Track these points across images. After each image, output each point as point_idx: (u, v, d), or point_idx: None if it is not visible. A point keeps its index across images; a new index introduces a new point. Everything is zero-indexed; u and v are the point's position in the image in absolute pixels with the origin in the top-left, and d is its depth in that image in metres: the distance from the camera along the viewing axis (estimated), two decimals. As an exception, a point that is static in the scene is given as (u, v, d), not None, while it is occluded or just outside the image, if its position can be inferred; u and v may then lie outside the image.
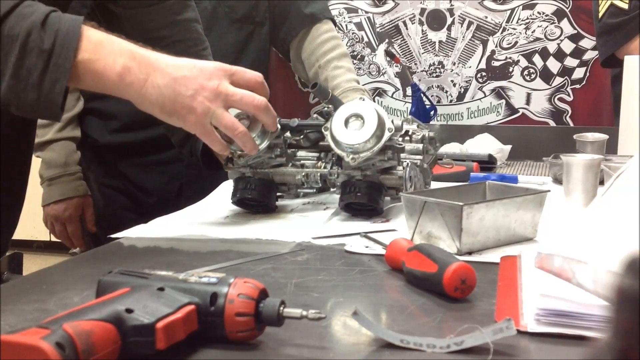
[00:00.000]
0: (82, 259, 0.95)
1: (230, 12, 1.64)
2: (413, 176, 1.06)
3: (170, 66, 0.83)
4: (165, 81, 0.82)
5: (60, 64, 0.76)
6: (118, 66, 0.80)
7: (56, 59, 0.76)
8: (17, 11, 0.76)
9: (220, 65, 0.89)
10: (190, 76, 0.84)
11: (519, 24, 2.09)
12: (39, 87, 0.76)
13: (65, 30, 0.77)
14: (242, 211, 1.10)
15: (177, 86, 0.82)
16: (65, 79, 0.77)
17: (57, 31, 0.76)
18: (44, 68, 0.76)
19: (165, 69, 0.83)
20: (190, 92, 0.83)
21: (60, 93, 0.77)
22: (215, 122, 0.87)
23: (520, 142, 1.86)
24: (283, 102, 2.18)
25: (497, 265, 0.77)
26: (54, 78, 0.76)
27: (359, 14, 2.19)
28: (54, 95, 0.77)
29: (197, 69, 0.85)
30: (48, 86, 0.76)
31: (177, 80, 0.83)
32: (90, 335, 0.47)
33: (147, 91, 0.82)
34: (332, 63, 1.68)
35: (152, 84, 0.82)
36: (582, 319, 0.56)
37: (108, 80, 0.80)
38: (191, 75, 0.84)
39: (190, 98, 0.83)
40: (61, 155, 1.64)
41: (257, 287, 0.55)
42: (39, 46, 0.75)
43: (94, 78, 0.80)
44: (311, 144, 1.11)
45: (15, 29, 0.75)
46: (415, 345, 0.54)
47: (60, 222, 1.66)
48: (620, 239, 0.53)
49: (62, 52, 0.76)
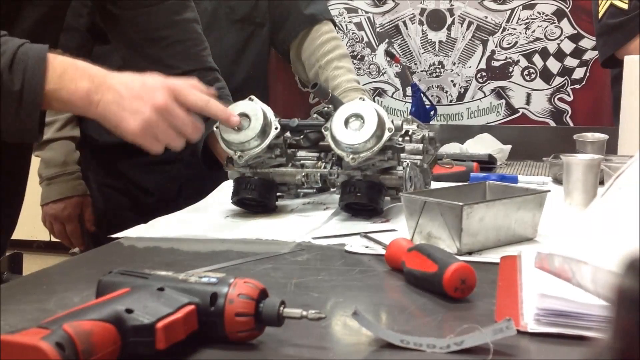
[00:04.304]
0: (82, 259, 0.95)
1: (230, 12, 1.64)
2: (413, 176, 1.06)
3: (120, 84, 0.89)
4: (113, 98, 0.88)
5: (30, 102, 0.86)
6: (80, 91, 0.88)
7: (26, 96, 0.86)
8: None
9: (167, 83, 0.92)
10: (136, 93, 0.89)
11: (519, 24, 2.09)
12: (15, 122, 0.86)
13: (31, 68, 0.86)
14: (242, 211, 1.10)
15: (122, 102, 0.89)
16: (36, 112, 0.87)
17: (24, 71, 0.85)
18: (18, 106, 0.86)
19: (115, 86, 0.89)
20: (134, 106, 0.89)
21: (35, 124, 0.87)
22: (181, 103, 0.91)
23: (520, 142, 1.86)
24: (283, 102, 2.18)
25: (497, 265, 0.77)
26: (27, 113, 0.86)
27: (359, 14, 2.19)
28: (29, 127, 0.87)
29: (144, 87, 0.90)
30: (23, 120, 0.86)
31: (124, 97, 0.89)
32: (90, 336, 0.47)
33: (101, 109, 0.89)
34: (333, 63, 1.68)
35: (104, 102, 0.89)
36: (582, 319, 0.56)
37: (73, 105, 0.89)
38: (138, 91, 0.90)
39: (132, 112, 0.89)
40: (60, 154, 1.64)
41: (257, 287, 0.55)
42: (9, 89, 0.85)
43: (61, 104, 0.89)
44: (311, 144, 1.11)
45: None
46: (415, 345, 0.54)
47: (59, 221, 1.66)
48: (620, 239, 0.53)
49: (31, 90, 0.86)
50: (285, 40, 1.73)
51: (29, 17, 0.95)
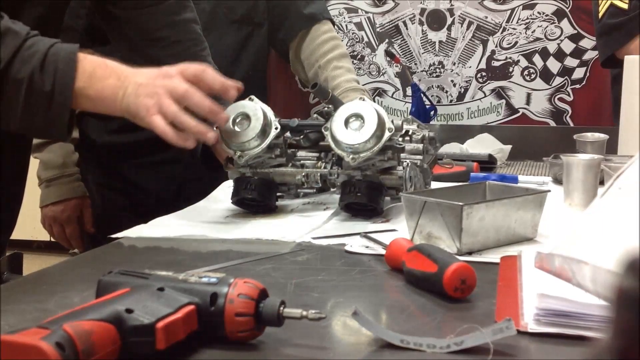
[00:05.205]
0: (82, 259, 0.95)
1: (229, 12, 1.64)
2: (413, 176, 1.06)
3: (141, 76, 0.91)
4: (132, 89, 0.90)
5: (61, 102, 0.88)
6: (107, 89, 0.90)
7: (57, 97, 0.87)
8: (20, 55, 0.87)
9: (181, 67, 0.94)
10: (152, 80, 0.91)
11: (519, 24, 2.09)
12: (45, 121, 0.89)
13: (62, 69, 0.88)
14: (242, 211, 1.10)
15: (139, 90, 0.90)
16: (66, 112, 0.89)
17: (55, 71, 0.87)
18: (48, 106, 0.88)
19: (137, 80, 0.91)
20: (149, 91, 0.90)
21: (64, 124, 0.89)
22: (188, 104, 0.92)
23: (520, 142, 1.86)
24: (283, 102, 2.18)
25: (497, 265, 0.77)
26: (57, 112, 0.88)
27: (359, 14, 2.19)
28: (59, 126, 0.89)
29: (160, 73, 0.92)
30: (53, 120, 0.88)
31: (141, 85, 0.91)
32: (90, 336, 0.47)
33: (124, 103, 0.90)
34: (332, 63, 1.68)
35: (126, 96, 0.90)
36: (582, 319, 0.56)
37: (100, 102, 0.91)
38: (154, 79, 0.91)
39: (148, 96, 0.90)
40: (59, 156, 1.64)
41: (257, 287, 0.55)
42: (41, 88, 0.87)
43: (89, 102, 0.91)
44: (311, 144, 1.11)
45: (20, 74, 0.86)
46: (415, 346, 0.54)
47: (59, 223, 1.66)
48: (620, 239, 0.53)
49: (61, 90, 0.87)
50: (284, 40, 1.73)
51: (27, 18, 0.95)
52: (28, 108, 0.88)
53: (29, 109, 0.88)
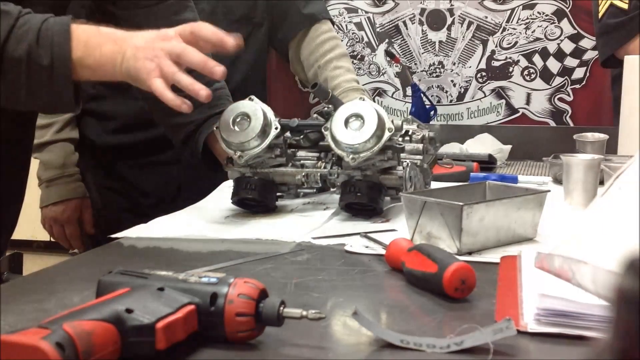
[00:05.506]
0: (82, 259, 0.95)
1: (229, 12, 1.63)
2: (413, 176, 1.06)
3: (139, 38, 0.92)
4: (131, 53, 0.91)
5: (61, 74, 0.89)
6: (105, 55, 0.91)
7: (57, 69, 0.88)
8: (14, 33, 0.88)
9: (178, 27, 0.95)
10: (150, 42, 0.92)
11: (519, 24, 2.09)
12: (51, 95, 0.90)
13: (57, 41, 0.88)
14: (242, 211, 1.10)
15: (138, 52, 0.91)
16: (69, 84, 0.89)
17: (51, 45, 0.88)
18: (50, 80, 0.88)
19: (135, 42, 0.91)
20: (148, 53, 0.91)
21: (69, 95, 0.90)
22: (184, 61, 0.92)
23: (520, 142, 1.86)
24: (283, 102, 2.18)
25: (497, 265, 0.77)
26: (60, 85, 0.89)
27: (359, 14, 2.19)
28: (65, 99, 0.90)
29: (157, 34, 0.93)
30: (58, 93, 0.89)
31: (139, 48, 0.91)
32: (90, 336, 0.47)
33: (124, 67, 0.91)
34: (332, 63, 1.67)
35: (125, 59, 0.91)
36: (582, 319, 0.56)
37: (101, 70, 0.91)
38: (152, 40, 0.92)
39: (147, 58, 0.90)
40: (59, 156, 1.63)
41: (257, 287, 0.55)
42: (40, 63, 0.88)
43: (89, 71, 0.91)
44: (311, 144, 1.11)
45: (17, 52, 0.87)
46: (415, 345, 0.54)
47: (59, 224, 1.66)
48: (620, 239, 0.53)
49: (60, 62, 0.88)
50: (284, 40, 1.73)
51: None
52: (31, 85, 0.89)
53: (32, 85, 0.89)
